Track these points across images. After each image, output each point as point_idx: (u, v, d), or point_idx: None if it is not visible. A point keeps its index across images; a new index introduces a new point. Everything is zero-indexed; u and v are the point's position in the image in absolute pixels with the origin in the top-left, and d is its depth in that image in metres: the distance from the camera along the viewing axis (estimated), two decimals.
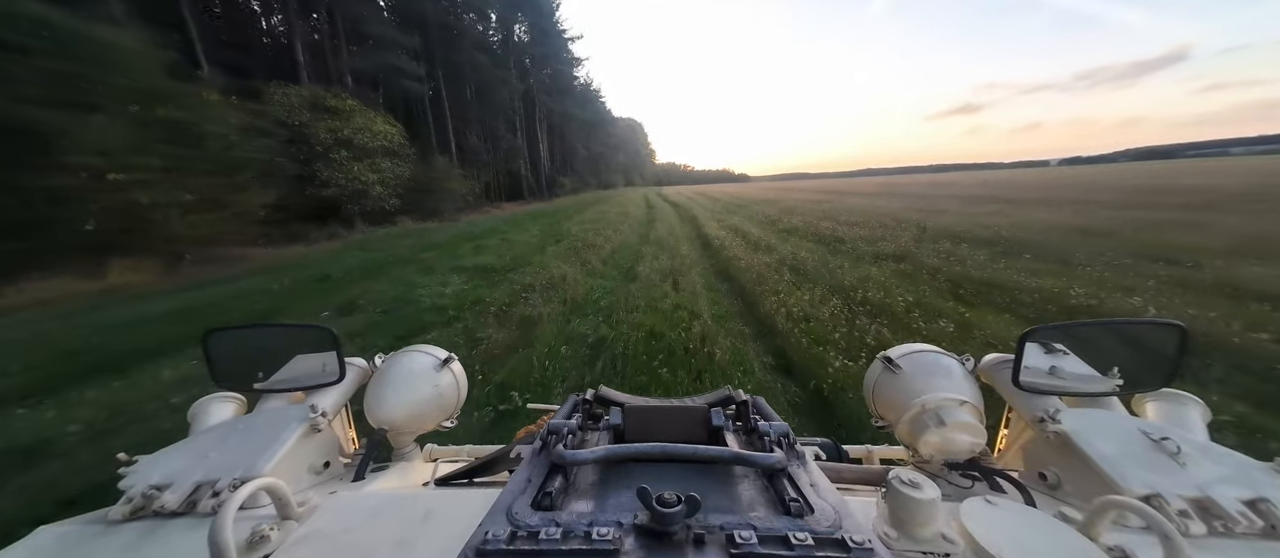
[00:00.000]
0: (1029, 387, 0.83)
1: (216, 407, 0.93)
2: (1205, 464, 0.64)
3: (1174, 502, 0.58)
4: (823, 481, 0.50)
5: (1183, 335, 0.82)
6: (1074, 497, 0.69)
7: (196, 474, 0.69)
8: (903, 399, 0.90)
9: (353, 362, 1.06)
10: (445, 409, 1.08)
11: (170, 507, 0.64)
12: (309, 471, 0.83)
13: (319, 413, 0.85)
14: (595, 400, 0.76)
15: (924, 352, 0.98)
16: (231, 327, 1.03)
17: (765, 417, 0.69)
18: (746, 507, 0.46)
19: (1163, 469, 0.63)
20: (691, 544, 0.38)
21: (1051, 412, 0.77)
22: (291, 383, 0.97)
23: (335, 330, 1.00)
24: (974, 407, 0.85)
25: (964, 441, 0.82)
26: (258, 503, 0.65)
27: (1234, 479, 0.61)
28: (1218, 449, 0.68)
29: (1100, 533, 0.49)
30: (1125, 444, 0.69)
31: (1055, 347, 0.92)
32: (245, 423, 0.85)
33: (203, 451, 0.75)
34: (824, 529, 0.40)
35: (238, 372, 0.99)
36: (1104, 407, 0.83)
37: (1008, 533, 0.48)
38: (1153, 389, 0.84)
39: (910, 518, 0.46)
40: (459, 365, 1.12)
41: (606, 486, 0.51)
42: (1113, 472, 0.64)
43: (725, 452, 0.52)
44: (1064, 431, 0.73)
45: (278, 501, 0.59)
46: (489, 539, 0.38)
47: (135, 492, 0.66)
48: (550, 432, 0.58)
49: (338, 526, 0.61)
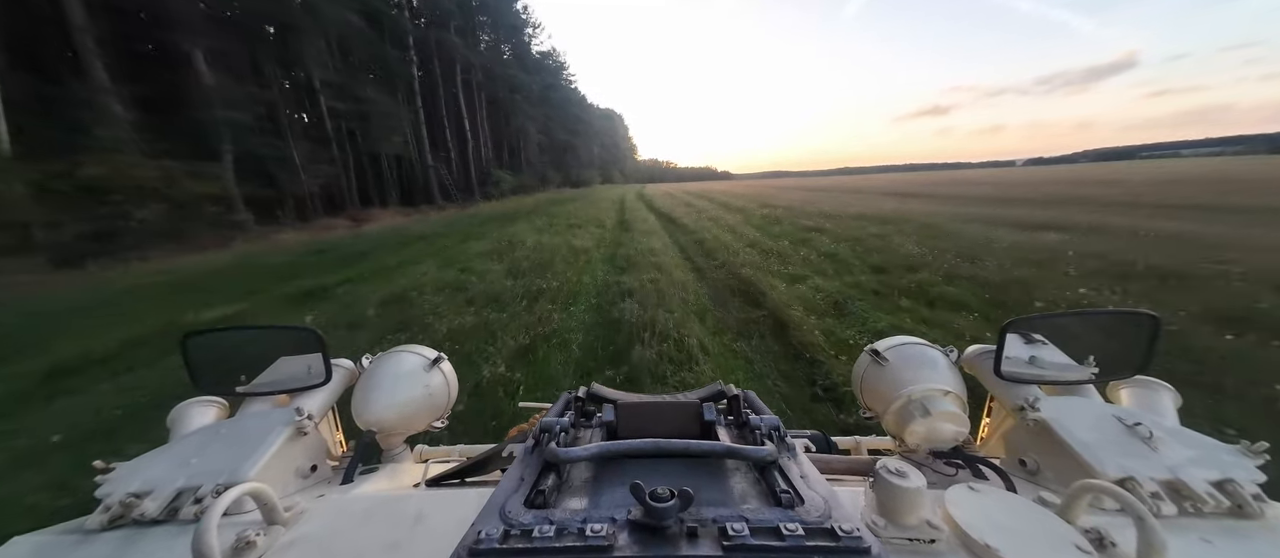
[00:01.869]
0: (1009, 376, 0.86)
1: (197, 411, 0.91)
2: (1176, 448, 0.67)
3: (1147, 484, 0.60)
4: (812, 472, 0.51)
5: (1155, 324, 0.85)
6: (1053, 482, 0.72)
7: (178, 481, 0.67)
8: (889, 391, 0.92)
9: (339, 363, 1.04)
10: (436, 409, 1.07)
11: (151, 515, 0.62)
12: (296, 475, 0.82)
13: (305, 416, 0.83)
14: (588, 398, 0.76)
15: (909, 344, 0.99)
16: (211, 329, 1.00)
17: (756, 410, 0.69)
18: (739, 499, 0.47)
19: (1136, 453, 0.66)
20: (685, 538, 0.39)
21: (1031, 400, 0.79)
22: (276, 386, 0.95)
23: (320, 331, 0.98)
24: (957, 397, 0.88)
25: (948, 430, 0.84)
26: (242, 509, 0.64)
27: (1202, 461, 0.64)
28: (1188, 433, 0.71)
29: (1078, 516, 0.51)
30: (1101, 430, 0.71)
31: (1034, 337, 0.95)
32: (228, 428, 0.83)
33: (184, 456, 0.74)
34: (814, 520, 0.41)
35: (219, 375, 0.96)
36: (1081, 394, 0.85)
37: (990, 518, 0.49)
38: (1127, 376, 0.87)
39: (897, 506, 0.48)
40: (449, 365, 1.11)
41: (600, 482, 0.51)
42: (1089, 457, 0.66)
43: (717, 446, 0.53)
44: (1043, 418, 0.76)
45: (263, 506, 0.58)
46: (482, 539, 0.38)
47: (113, 500, 0.64)
48: (542, 430, 0.58)
49: (327, 530, 0.60)
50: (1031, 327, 0.96)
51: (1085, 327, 1.00)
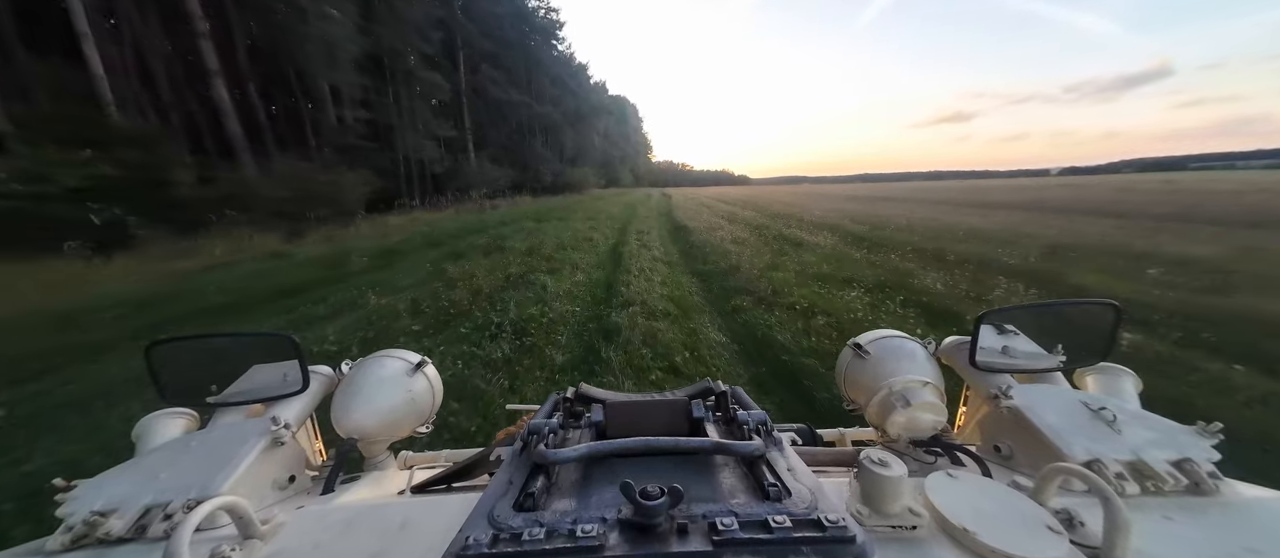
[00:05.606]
0: (984, 366, 0.89)
1: (165, 424, 0.87)
2: (1138, 430, 0.70)
3: (1112, 466, 0.62)
4: (799, 464, 0.52)
5: (1117, 313, 0.89)
6: (1025, 466, 0.75)
7: (145, 497, 0.64)
8: (871, 383, 0.94)
9: (317, 369, 1.01)
10: (420, 415, 1.04)
11: (117, 533, 0.59)
12: (273, 486, 0.79)
13: (281, 425, 0.80)
14: (576, 398, 0.75)
15: (890, 337, 1.02)
16: (177, 338, 0.96)
17: (744, 406, 0.70)
18: (728, 494, 0.47)
19: (1101, 437, 0.69)
20: (675, 534, 0.39)
21: (1004, 389, 0.82)
22: (249, 395, 0.92)
23: (296, 337, 0.95)
24: (936, 387, 0.90)
25: (927, 419, 0.86)
26: (216, 524, 0.61)
27: (1162, 443, 0.67)
28: (1149, 416, 0.74)
29: (1049, 498, 0.53)
30: (1069, 416, 0.74)
31: (1007, 328, 0.98)
32: (198, 440, 0.80)
33: (152, 471, 0.70)
34: (801, 511, 0.41)
35: (188, 386, 0.92)
36: (1050, 382, 0.89)
37: (968, 503, 0.51)
38: (1092, 363, 0.91)
39: (880, 495, 0.49)
40: (433, 369, 1.09)
41: (590, 483, 0.51)
42: (1058, 441, 0.69)
43: (706, 442, 0.53)
44: (1015, 406, 0.79)
45: (238, 520, 0.56)
46: (470, 544, 0.38)
47: (76, 519, 0.61)
48: (531, 432, 0.57)
49: (307, 541, 0.58)
50: (1004, 318, 1.00)
51: (1054, 317, 1.04)
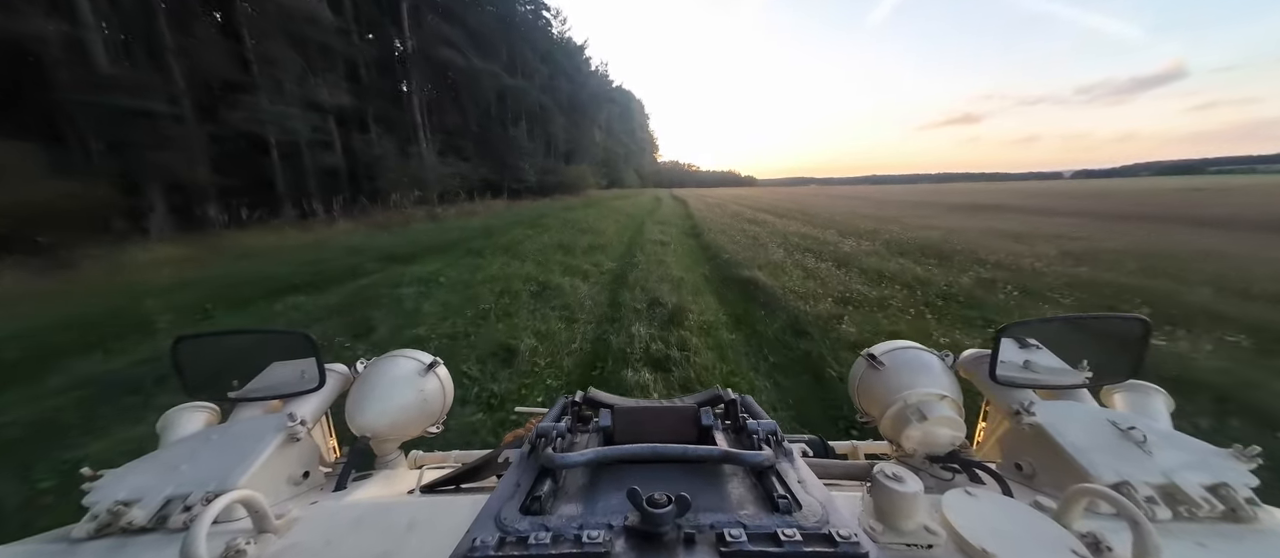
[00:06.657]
0: (1005, 381, 0.86)
1: (187, 417, 0.90)
2: (1170, 452, 0.67)
3: (1142, 489, 0.60)
4: (810, 477, 0.51)
5: (1146, 328, 0.85)
6: (1048, 486, 0.72)
7: (166, 488, 0.66)
8: (885, 395, 0.92)
9: (333, 368, 1.03)
10: (431, 415, 1.06)
11: (139, 523, 0.61)
12: (288, 482, 0.80)
13: (298, 422, 0.82)
14: (584, 402, 0.75)
15: (905, 348, 1.00)
16: (203, 334, 0.99)
17: (753, 415, 0.69)
18: (736, 505, 0.47)
19: (1130, 458, 0.66)
20: (682, 544, 0.38)
21: (1026, 404, 0.80)
22: (268, 391, 0.94)
23: (313, 336, 0.98)
24: (953, 401, 0.88)
25: (944, 434, 0.84)
26: (233, 516, 0.63)
27: (1196, 466, 0.64)
28: (1181, 437, 0.71)
29: (1074, 520, 0.51)
30: (1095, 434, 0.72)
31: (1028, 341, 0.95)
32: (219, 434, 0.82)
33: (173, 463, 0.72)
34: (811, 525, 0.40)
35: (210, 381, 0.95)
36: (1075, 398, 0.86)
37: (987, 523, 0.49)
38: (1120, 380, 0.88)
39: (894, 511, 0.47)
40: (444, 370, 1.10)
41: (596, 488, 0.50)
42: (1084, 461, 0.66)
43: (714, 451, 0.53)
44: (1038, 422, 0.76)
45: (254, 513, 0.57)
46: (476, 546, 0.38)
47: (101, 508, 0.63)
48: (539, 435, 0.57)
49: (319, 537, 0.59)
50: (1026, 331, 0.96)
51: (1078, 331, 1.01)
